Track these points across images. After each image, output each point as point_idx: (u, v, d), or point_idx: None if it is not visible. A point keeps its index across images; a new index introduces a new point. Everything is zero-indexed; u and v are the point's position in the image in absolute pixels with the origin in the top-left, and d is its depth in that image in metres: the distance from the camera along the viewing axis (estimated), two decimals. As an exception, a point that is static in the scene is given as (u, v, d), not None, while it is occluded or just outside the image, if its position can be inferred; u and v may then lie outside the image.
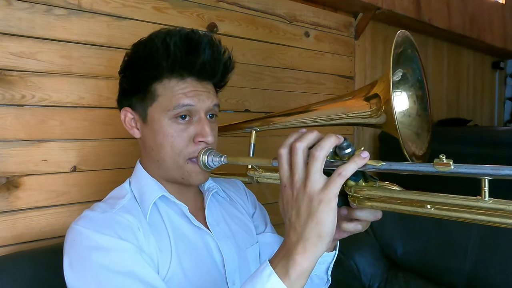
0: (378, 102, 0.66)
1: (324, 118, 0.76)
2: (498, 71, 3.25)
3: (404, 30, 0.65)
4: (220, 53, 0.80)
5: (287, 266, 0.54)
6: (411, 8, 2.08)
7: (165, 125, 0.77)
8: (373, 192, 0.58)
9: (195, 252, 0.79)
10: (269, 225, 1.00)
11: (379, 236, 1.71)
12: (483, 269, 1.40)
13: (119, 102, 0.85)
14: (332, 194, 0.53)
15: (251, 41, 1.59)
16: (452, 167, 0.49)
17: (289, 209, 0.57)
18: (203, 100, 0.78)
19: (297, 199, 0.55)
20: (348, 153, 0.56)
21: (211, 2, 1.46)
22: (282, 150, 0.58)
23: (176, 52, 0.75)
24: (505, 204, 0.47)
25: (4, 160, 1.04)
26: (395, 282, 1.63)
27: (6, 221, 1.05)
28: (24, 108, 1.07)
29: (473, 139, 1.72)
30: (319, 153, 0.54)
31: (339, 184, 0.53)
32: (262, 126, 0.86)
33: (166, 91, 0.77)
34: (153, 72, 0.77)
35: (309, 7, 1.82)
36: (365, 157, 0.54)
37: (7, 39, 1.04)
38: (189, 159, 0.78)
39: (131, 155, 1.23)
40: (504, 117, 3.36)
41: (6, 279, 0.91)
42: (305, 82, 1.80)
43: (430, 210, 0.53)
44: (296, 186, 0.55)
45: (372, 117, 0.67)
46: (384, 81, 0.65)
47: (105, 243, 0.68)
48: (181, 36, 0.76)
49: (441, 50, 2.66)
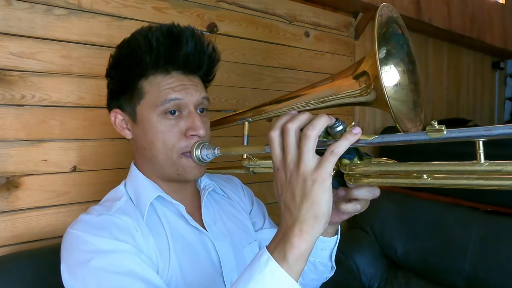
0: (367, 79, 0.64)
1: (315, 101, 0.75)
2: (498, 71, 3.25)
3: (386, 4, 0.63)
4: (203, 44, 0.79)
5: (284, 250, 0.53)
6: (411, 8, 2.08)
7: (155, 122, 0.76)
8: (368, 168, 0.57)
9: (192, 252, 0.78)
10: (267, 220, 0.99)
11: (379, 236, 1.71)
12: (483, 269, 1.40)
13: (108, 105, 0.84)
14: (326, 173, 0.52)
15: (251, 41, 1.59)
16: (445, 132, 0.48)
17: (283, 192, 0.55)
18: (191, 93, 0.78)
19: (291, 181, 0.54)
20: (340, 131, 0.55)
21: (211, 2, 1.46)
22: (273, 132, 0.57)
23: (158, 46, 0.74)
24: (501, 165, 0.46)
25: (4, 160, 1.04)
26: (395, 282, 1.63)
27: (6, 221, 1.05)
28: (24, 108, 1.07)
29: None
30: (311, 132, 0.53)
31: (332, 162, 0.52)
32: (254, 117, 0.85)
33: (152, 87, 0.77)
34: (137, 69, 0.76)
35: (309, 7, 1.82)
36: (357, 133, 0.54)
37: (7, 39, 1.04)
38: (183, 153, 0.77)
39: (131, 155, 1.22)
40: (504, 117, 3.36)
41: (6, 279, 0.91)
42: (305, 82, 1.80)
43: (427, 180, 0.52)
44: (290, 168, 0.54)
45: (362, 95, 0.66)
46: (371, 57, 0.63)
47: (103, 245, 0.68)
48: (162, 31, 0.75)
49: (441, 50, 2.66)
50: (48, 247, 1.03)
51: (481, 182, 0.49)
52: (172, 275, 0.74)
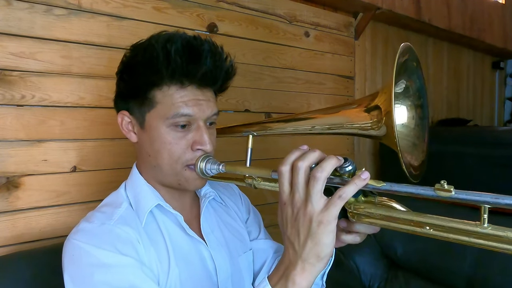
0: (379, 114, 0.65)
1: (321, 127, 0.75)
2: (498, 71, 3.25)
3: (406, 43, 0.64)
4: (222, 60, 0.78)
5: (285, 285, 0.55)
6: (411, 8, 2.08)
7: (163, 133, 0.76)
8: (372, 210, 0.59)
9: (189, 261, 0.79)
10: (263, 231, 1.00)
11: (379, 236, 1.71)
12: (483, 269, 1.40)
13: (116, 104, 0.83)
14: (332, 216, 0.54)
15: (251, 41, 1.59)
16: (453, 193, 0.49)
17: (289, 227, 0.57)
18: (203, 110, 0.77)
19: (296, 218, 0.56)
20: (348, 171, 0.57)
21: (211, 2, 1.46)
22: (283, 167, 0.58)
23: (177, 59, 0.72)
24: (504, 231, 0.48)
25: (4, 160, 1.04)
26: (395, 282, 1.63)
27: (6, 221, 1.05)
28: (24, 108, 1.07)
29: (473, 139, 1.72)
30: (320, 174, 0.54)
31: (339, 206, 0.54)
32: (259, 131, 0.85)
33: (165, 99, 0.75)
34: (152, 79, 0.75)
35: (309, 7, 1.82)
36: (365, 178, 0.55)
37: (7, 39, 1.04)
38: (187, 165, 0.77)
39: (131, 155, 1.22)
40: (504, 117, 3.36)
41: (6, 279, 0.91)
42: (305, 82, 1.80)
43: (429, 231, 0.54)
44: (297, 205, 0.56)
45: (373, 129, 0.66)
46: (386, 93, 0.64)
47: (106, 259, 0.67)
48: (182, 43, 0.73)
49: (441, 50, 2.66)
50: (48, 247, 1.03)
51: (481, 242, 0.50)
52: (171, 284, 0.74)
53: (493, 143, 1.60)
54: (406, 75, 0.65)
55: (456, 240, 0.52)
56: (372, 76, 2.13)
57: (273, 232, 0.99)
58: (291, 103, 1.74)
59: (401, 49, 0.62)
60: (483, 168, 1.57)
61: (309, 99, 1.82)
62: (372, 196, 0.62)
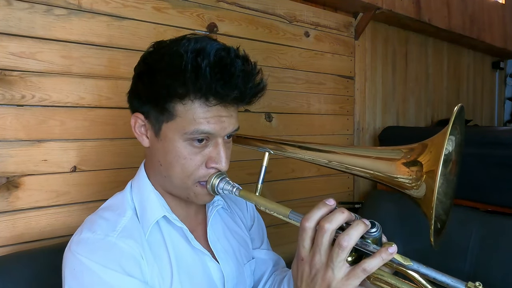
0: (419, 171, 0.58)
1: (340, 164, 0.70)
2: (498, 71, 3.25)
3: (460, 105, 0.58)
4: (254, 81, 0.71)
5: None
6: (411, 8, 2.08)
7: (179, 146, 0.71)
8: (388, 279, 0.56)
9: (193, 274, 0.77)
10: (265, 241, 0.98)
11: (379, 236, 1.71)
12: (483, 269, 1.40)
13: (130, 103, 0.77)
14: (352, 287, 0.53)
15: (251, 41, 1.59)
16: None
17: (303, 285, 0.56)
18: (224, 127, 0.71)
19: (313, 280, 0.55)
20: (374, 236, 0.55)
21: (211, 2, 1.46)
22: (307, 224, 0.56)
23: (206, 76, 0.65)
24: None
25: (4, 160, 1.04)
26: (395, 282, 1.63)
27: (6, 221, 1.05)
28: (24, 108, 1.07)
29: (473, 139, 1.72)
30: (347, 244, 0.53)
31: (361, 278, 0.53)
32: (276, 151, 0.81)
33: (187, 113, 0.69)
34: (176, 91, 0.68)
35: (309, 7, 1.82)
36: (392, 252, 0.54)
37: (7, 39, 1.04)
38: (199, 182, 0.74)
39: (131, 155, 1.23)
40: (504, 117, 3.36)
41: (6, 279, 0.91)
42: (305, 82, 1.80)
43: None
44: (316, 267, 0.55)
45: (412, 187, 0.59)
46: (432, 153, 0.57)
47: (109, 279, 0.65)
48: (214, 58, 0.66)
49: (441, 50, 2.66)
50: (48, 247, 1.03)
51: None
52: None
53: (493, 143, 1.59)
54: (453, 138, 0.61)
55: None
56: (372, 76, 2.13)
57: (274, 232, 0.99)
58: (291, 103, 1.74)
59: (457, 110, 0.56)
60: (483, 168, 1.57)
61: (309, 99, 1.82)
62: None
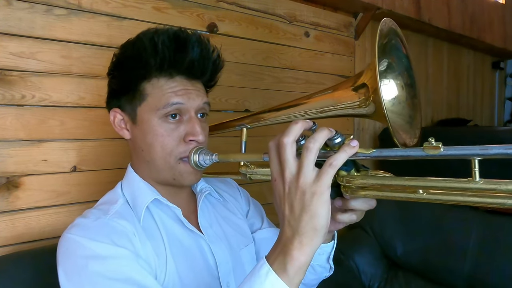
0: (366, 92, 0.65)
1: (314, 111, 0.76)
2: (498, 71, 3.25)
3: (388, 18, 0.64)
4: (208, 51, 0.80)
5: (284, 262, 0.53)
6: (411, 8, 2.08)
7: (155, 125, 0.77)
8: (365, 180, 0.58)
9: (189, 255, 0.78)
10: (266, 220, 0.99)
11: (379, 236, 1.71)
12: (483, 269, 1.40)
13: (108, 103, 0.84)
14: (324, 185, 0.52)
15: (251, 41, 1.59)
16: (442, 149, 0.49)
17: (282, 203, 0.56)
18: (193, 98, 0.78)
19: (289, 193, 0.55)
20: (338, 143, 0.56)
21: (211, 2, 1.46)
22: (271, 144, 0.58)
23: (164, 50, 0.74)
24: (496, 184, 0.47)
25: (4, 160, 1.04)
26: (395, 282, 1.63)
27: (6, 221, 1.05)
28: (24, 108, 1.07)
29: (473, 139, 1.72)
30: (313, 145, 0.53)
31: (331, 174, 0.53)
32: (252, 123, 0.85)
33: (155, 90, 0.77)
34: (141, 71, 0.77)
35: (309, 7, 1.82)
36: (354, 146, 0.54)
37: (7, 39, 1.04)
38: (180, 159, 0.77)
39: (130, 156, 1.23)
40: (504, 117, 3.36)
41: (6, 279, 0.91)
42: (305, 82, 1.80)
43: (423, 195, 0.53)
44: (287, 180, 0.55)
45: (361, 107, 0.67)
46: (371, 70, 0.64)
47: (101, 251, 0.67)
48: (169, 35, 0.75)
49: (441, 50, 2.66)
50: (48, 247, 1.03)
51: (476, 200, 0.49)
52: (169, 279, 0.73)
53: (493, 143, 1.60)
54: (390, 53, 0.65)
55: (450, 201, 0.51)
56: (372, 76, 2.13)
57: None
58: (291, 103, 1.74)
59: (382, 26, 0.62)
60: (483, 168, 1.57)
61: (309, 99, 1.82)
62: (365, 170, 0.61)
